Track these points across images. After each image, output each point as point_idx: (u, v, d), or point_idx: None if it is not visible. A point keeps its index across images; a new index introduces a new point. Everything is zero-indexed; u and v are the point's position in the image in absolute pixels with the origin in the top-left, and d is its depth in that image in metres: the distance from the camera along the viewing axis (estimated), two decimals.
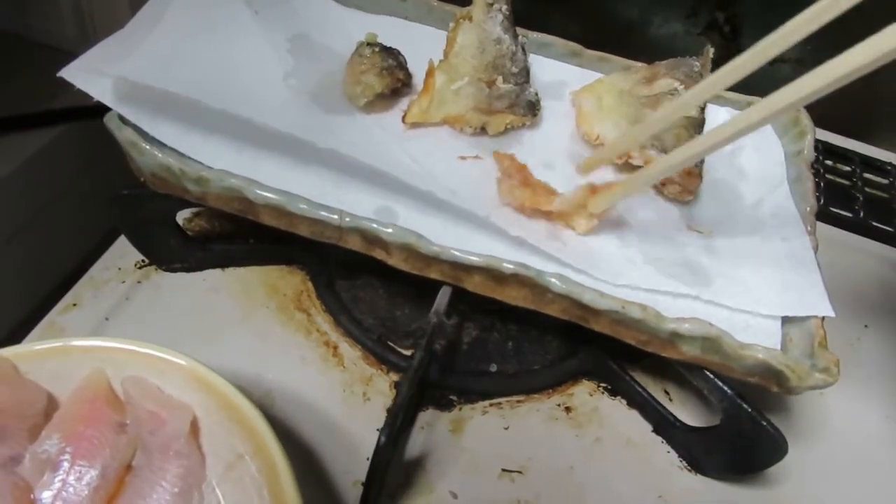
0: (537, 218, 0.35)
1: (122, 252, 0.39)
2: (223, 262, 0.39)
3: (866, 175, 0.55)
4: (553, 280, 0.31)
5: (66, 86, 0.58)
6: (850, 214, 0.51)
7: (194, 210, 0.41)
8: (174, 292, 0.38)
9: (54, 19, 0.58)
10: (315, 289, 0.39)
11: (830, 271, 0.47)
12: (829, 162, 0.55)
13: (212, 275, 0.39)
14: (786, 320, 0.33)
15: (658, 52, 0.46)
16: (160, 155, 0.31)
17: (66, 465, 0.27)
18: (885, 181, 0.55)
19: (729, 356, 0.30)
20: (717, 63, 0.79)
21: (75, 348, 0.28)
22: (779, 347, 0.32)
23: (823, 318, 0.32)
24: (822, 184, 0.53)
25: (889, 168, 0.55)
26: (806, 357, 0.31)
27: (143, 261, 0.39)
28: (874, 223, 0.51)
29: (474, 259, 0.31)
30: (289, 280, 0.40)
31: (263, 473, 0.26)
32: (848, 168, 0.55)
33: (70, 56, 0.58)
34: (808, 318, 0.32)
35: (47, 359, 0.28)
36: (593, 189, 0.34)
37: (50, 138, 0.54)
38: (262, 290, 0.39)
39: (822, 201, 0.51)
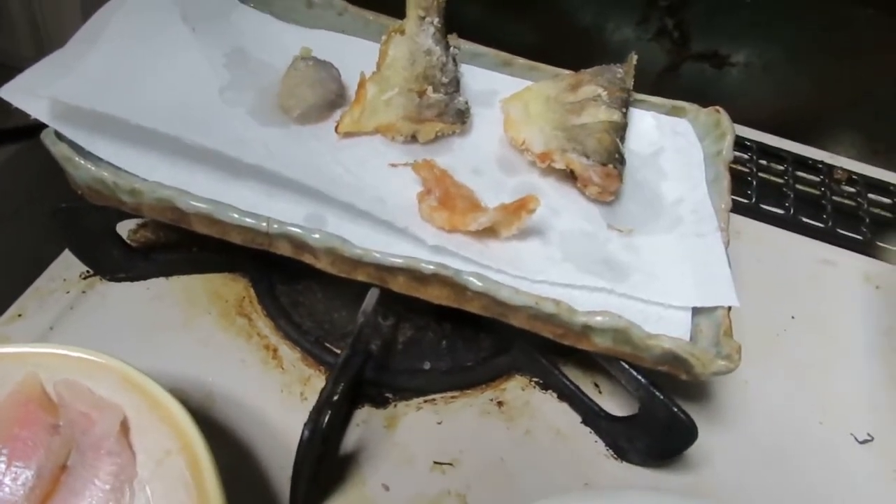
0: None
1: (68, 263, 0.40)
2: (167, 271, 0.41)
3: (798, 173, 0.57)
4: (471, 279, 0.32)
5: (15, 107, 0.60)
6: (781, 211, 0.53)
7: (139, 221, 0.42)
8: (118, 301, 0.39)
9: (10, 38, 0.59)
10: (256, 295, 0.41)
11: (761, 266, 0.50)
12: (763, 161, 0.58)
13: (156, 283, 0.40)
14: (696, 311, 0.35)
15: (612, 58, 0.48)
16: (94, 168, 0.33)
17: (2, 466, 0.28)
18: (816, 178, 0.57)
19: (638, 346, 0.32)
20: (667, 69, 0.81)
21: (7, 355, 0.29)
22: (688, 337, 0.34)
23: (730, 308, 0.34)
24: (755, 182, 0.55)
25: (821, 166, 0.58)
26: (712, 345, 0.33)
27: (87, 271, 0.40)
28: (804, 219, 0.53)
29: (396, 261, 0.32)
30: (231, 287, 0.41)
31: (190, 469, 0.28)
32: (781, 167, 0.57)
33: None
34: (716, 308, 0.34)
35: None
36: (508, 208, 0.35)
37: (8, 155, 0.55)
38: (205, 297, 0.40)
39: (754, 199, 0.54)
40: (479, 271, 0.33)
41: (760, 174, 0.56)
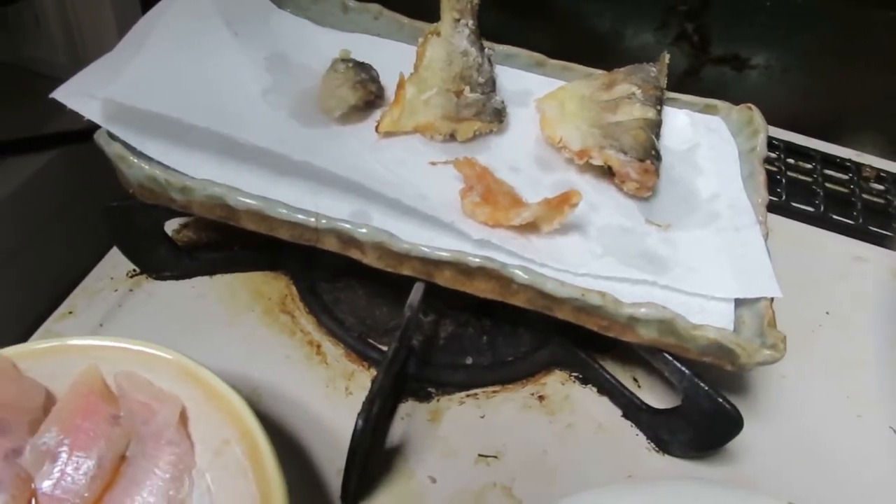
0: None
1: (115, 262, 0.41)
2: (210, 270, 0.41)
3: (826, 171, 0.57)
4: (517, 271, 0.33)
5: (58, 112, 0.61)
6: (811, 209, 0.54)
7: (182, 221, 0.43)
8: (164, 299, 0.40)
9: (46, 47, 0.61)
10: (298, 292, 0.41)
11: (793, 262, 0.50)
12: (791, 160, 0.58)
13: (200, 282, 0.41)
14: (738, 303, 0.35)
15: (630, 63, 0.48)
16: (147, 167, 0.34)
17: (64, 456, 0.29)
18: (844, 176, 0.57)
19: (683, 337, 0.33)
20: (688, 73, 0.81)
21: (71, 347, 0.30)
22: (732, 328, 0.34)
23: (772, 299, 0.35)
24: (784, 181, 0.56)
25: (848, 164, 0.58)
26: (756, 336, 0.33)
27: (134, 270, 0.41)
28: (834, 216, 0.53)
29: (443, 254, 0.33)
30: (273, 285, 0.42)
31: (248, 457, 0.28)
32: (809, 165, 0.58)
33: (61, 82, 0.61)
34: (758, 300, 0.35)
35: (45, 357, 0.30)
36: (551, 203, 0.36)
37: (44, 162, 0.56)
38: (248, 294, 0.41)
39: (784, 197, 0.54)
40: (524, 264, 0.33)
41: (789, 172, 0.56)
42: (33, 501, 0.28)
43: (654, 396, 0.40)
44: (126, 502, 0.28)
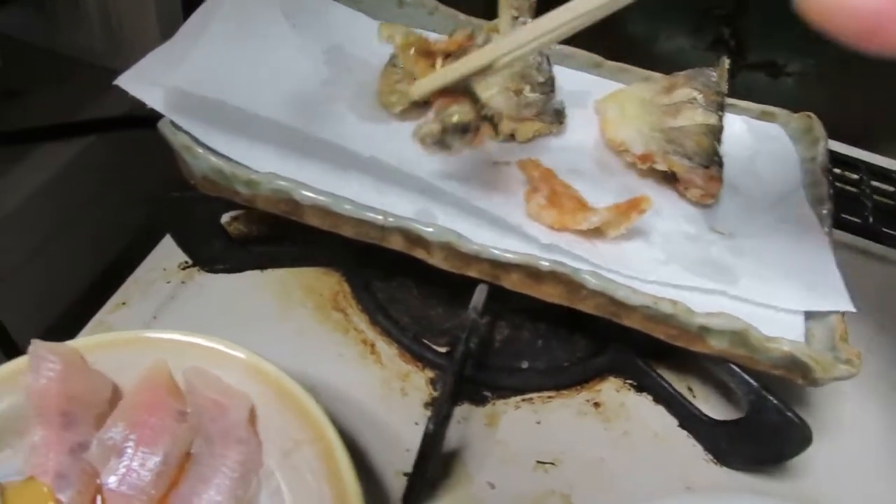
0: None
1: (166, 254, 0.40)
2: (262, 264, 0.41)
3: (874, 183, 0.57)
4: (588, 277, 0.32)
5: (93, 98, 0.60)
6: (859, 220, 0.53)
7: (233, 214, 0.42)
8: (217, 292, 0.39)
9: (83, 33, 0.60)
10: (351, 289, 0.41)
11: (844, 275, 0.49)
12: (837, 170, 0.57)
13: (251, 276, 0.40)
14: (808, 316, 0.35)
15: (664, 67, 0.48)
16: (213, 158, 0.33)
17: (130, 451, 0.28)
18: (891, 189, 0.56)
19: (756, 349, 0.32)
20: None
21: (140, 340, 0.29)
22: (803, 341, 0.34)
23: (844, 313, 0.34)
24: (831, 191, 0.55)
25: (895, 176, 0.57)
26: (828, 350, 0.33)
27: (186, 262, 0.40)
28: (884, 228, 0.53)
29: (513, 257, 0.32)
30: (325, 281, 0.41)
31: (322, 460, 0.28)
32: (856, 176, 0.57)
33: (99, 69, 0.60)
34: (828, 313, 0.34)
35: (113, 350, 0.29)
36: (620, 208, 0.35)
37: (82, 147, 0.55)
38: (300, 290, 0.40)
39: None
40: (594, 270, 0.33)
41: (837, 183, 0.55)
42: (99, 498, 0.28)
43: (709, 406, 0.39)
44: (193, 500, 0.28)
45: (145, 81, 0.34)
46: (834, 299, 0.34)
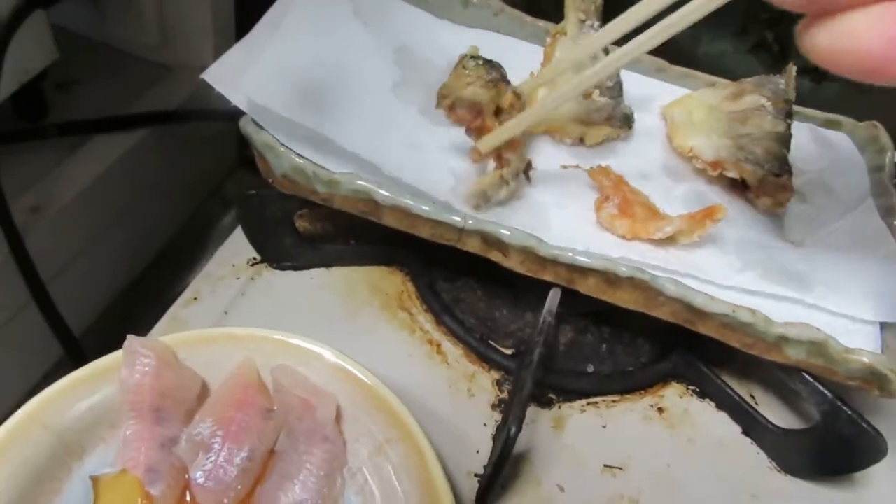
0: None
1: (235, 250, 0.41)
2: (328, 262, 0.41)
3: None
4: (667, 284, 0.32)
5: (147, 91, 0.60)
6: None
7: (299, 211, 0.42)
8: (285, 289, 0.40)
9: (137, 28, 0.60)
10: (416, 289, 0.41)
11: None
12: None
13: (318, 273, 0.41)
14: (884, 327, 0.35)
15: (707, 69, 0.48)
16: (296, 158, 0.33)
17: (217, 447, 0.28)
18: None
19: (834, 360, 0.32)
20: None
21: (228, 336, 0.30)
22: (880, 352, 0.34)
23: None
24: None
25: None
26: None
27: (254, 258, 0.40)
28: None
29: (592, 262, 0.32)
30: (390, 280, 0.41)
31: (410, 459, 0.28)
32: None
33: (151, 63, 0.60)
34: None
35: (203, 346, 0.30)
36: (695, 217, 0.35)
37: (136, 140, 0.56)
38: (366, 289, 0.41)
39: None
40: (671, 277, 0.33)
41: None
42: (187, 493, 0.28)
43: (772, 413, 0.39)
44: (279, 497, 0.28)
45: (228, 81, 0.34)
46: None
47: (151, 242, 0.60)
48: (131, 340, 0.28)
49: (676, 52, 0.79)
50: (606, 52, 0.42)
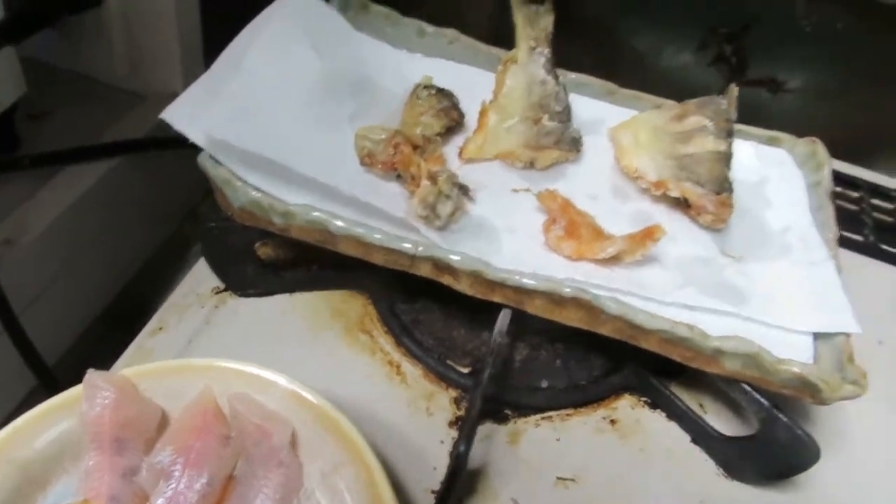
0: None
1: (199, 279, 0.42)
2: (291, 288, 0.42)
3: (873, 201, 0.59)
4: (608, 303, 0.34)
5: (118, 119, 0.61)
6: (860, 238, 0.55)
7: (262, 240, 0.44)
8: (249, 316, 0.41)
9: (106, 57, 0.61)
10: (377, 312, 0.42)
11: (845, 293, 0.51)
12: (837, 189, 0.59)
13: (281, 299, 0.42)
14: (816, 337, 0.36)
15: (669, 83, 0.49)
16: (252, 192, 0.35)
17: (177, 474, 0.30)
18: (891, 206, 0.58)
19: (768, 370, 0.34)
20: (724, 93, 0.82)
21: (187, 367, 0.31)
22: (812, 362, 0.35)
23: (850, 335, 0.36)
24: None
25: (895, 194, 0.59)
26: (836, 370, 0.35)
27: (218, 287, 0.42)
28: (883, 246, 0.54)
29: (537, 284, 0.34)
30: (351, 304, 0.43)
31: (360, 481, 0.29)
32: (856, 194, 0.59)
33: (122, 92, 0.61)
34: (835, 334, 0.36)
35: (162, 378, 0.31)
36: (635, 238, 0.37)
37: (107, 169, 0.57)
38: (328, 313, 0.42)
39: None
40: (613, 296, 0.35)
41: (837, 201, 0.57)
42: None
43: (720, 422, 0.41)
44: None
45: (187, 118, 0.36)
46: (841, 321, 0.36)
47: (127, 268, 0.61)
48: (91, 375, 0.29)
49: (640, 67, 0.81)
50: (556, 77, 0.44)
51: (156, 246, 0.63)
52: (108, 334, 0.59)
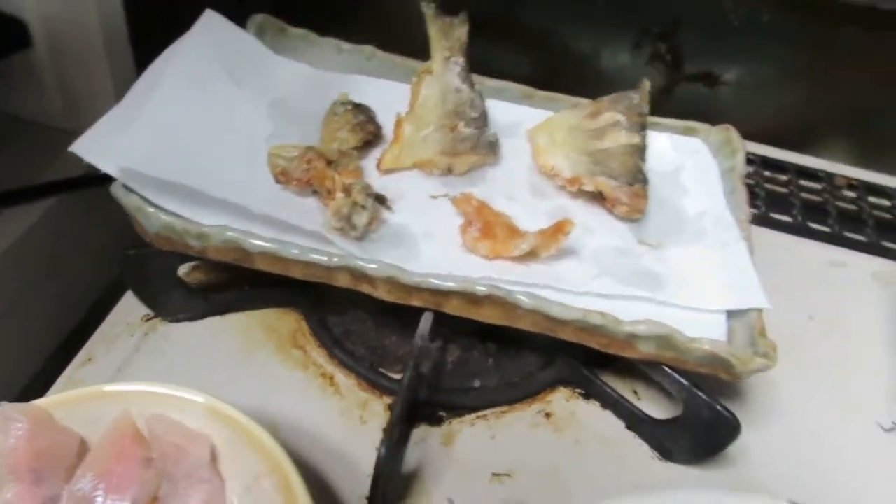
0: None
1: (129, 308, 0.42)
2: (222, 310, 0.43)
3: (801, 182, 0.60)
4: (522, 297, 0.35)
5: (53, 159, 0.62)
6: (789, 219, 0.56)
7: (192, 264, 0.44)
8: (179, 341, 0.41)
9: (38, 96, 0.62)
10: (309, 327, 0.43)
11: (775, 270, 0.52)
12: (767, 173, 0.61)
13: (213, 322, 0.42)
14: (730, 315, 0.38)
15: (609, 83, 0.51)
16: (164, 217, 0.35)
17: (100, 500, 0.30)
18: (818, 186, 0.60)
19: (681, 350, 0.35)
20: (663, 91, 0.85)
21: (102, 394, 0.31)
22: (725, 339, 0.36)
23: (761, 310, 0.37)
24: (762, 193, 0.58)
25: (822, 175, 0.61)
26: (748, 345, 0.36)
27: (148, 314, 0.42)
28: (811, 224, 0.56)
29: (451, 285, 0.35)
30: (284, 321, 0.43)
31: (280, 490, 0.30)
32: (785, 177, 0.61)
33: (56, 131, 0.62)
34: (748, 311, 0.37)
35: (78, 406, 0.31)
36: (546, 233, 0.38)
37: (43, 210, 0.57)
38: (260, 332, 0.43)
39: (762, 209, 0.57)
40: (528, 290, 0.35)
41: (767, 185, 0.59)
42: None
43: (655, 407, 0.42)
44: None
45: (98, 149, 0.36)
46: (751, 297, 0.37)
47: (79, 306, 0.61)
48: (3, 407, 0.29)
49: (581, 71, 0.83)
50: (472, 84, 0.45)
51: (109, 282, 0.63)
52: (58, 374, 0.58)
